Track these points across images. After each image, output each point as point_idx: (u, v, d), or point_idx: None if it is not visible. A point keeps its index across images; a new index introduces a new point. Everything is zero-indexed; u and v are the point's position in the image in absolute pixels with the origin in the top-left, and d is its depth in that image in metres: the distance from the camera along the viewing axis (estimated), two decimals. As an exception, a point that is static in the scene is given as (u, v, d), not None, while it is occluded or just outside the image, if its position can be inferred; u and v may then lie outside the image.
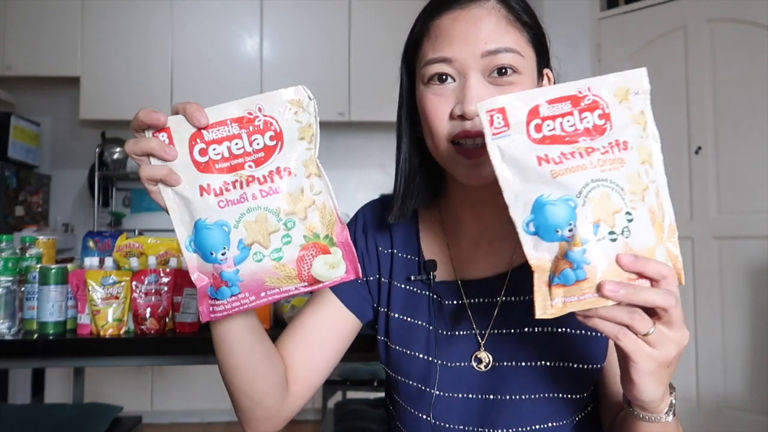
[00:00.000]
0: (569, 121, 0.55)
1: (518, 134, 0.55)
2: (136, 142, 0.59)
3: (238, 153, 0.59)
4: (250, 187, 0.58)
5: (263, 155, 0.59)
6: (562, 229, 0.53)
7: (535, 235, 0.54)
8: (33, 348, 1.21)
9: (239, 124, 0.58)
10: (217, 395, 3.16)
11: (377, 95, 3.44)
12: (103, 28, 3.38)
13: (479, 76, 0.68)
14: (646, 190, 0.55)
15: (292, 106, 0.59)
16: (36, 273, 1.26)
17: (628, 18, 3.05)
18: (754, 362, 2.61)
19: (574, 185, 0.54)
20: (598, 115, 0.55)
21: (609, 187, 0.54)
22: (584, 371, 0.72)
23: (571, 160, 0.54)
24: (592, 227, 0.53)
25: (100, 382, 3.05)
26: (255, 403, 0.72)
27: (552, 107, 0.55)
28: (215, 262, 0.59)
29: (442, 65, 0.69)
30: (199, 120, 0.57)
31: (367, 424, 1.58)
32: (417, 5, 0.78)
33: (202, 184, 0.59)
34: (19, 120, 3.26)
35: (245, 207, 0.58)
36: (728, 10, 2.73)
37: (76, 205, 3.65)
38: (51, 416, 1.55)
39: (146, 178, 0.59)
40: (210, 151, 0.59)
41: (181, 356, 1.30)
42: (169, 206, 0.60)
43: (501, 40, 0.67)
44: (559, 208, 0.54)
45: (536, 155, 0.55)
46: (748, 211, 2.65)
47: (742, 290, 2.65)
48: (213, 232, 0.58)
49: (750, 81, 2.65)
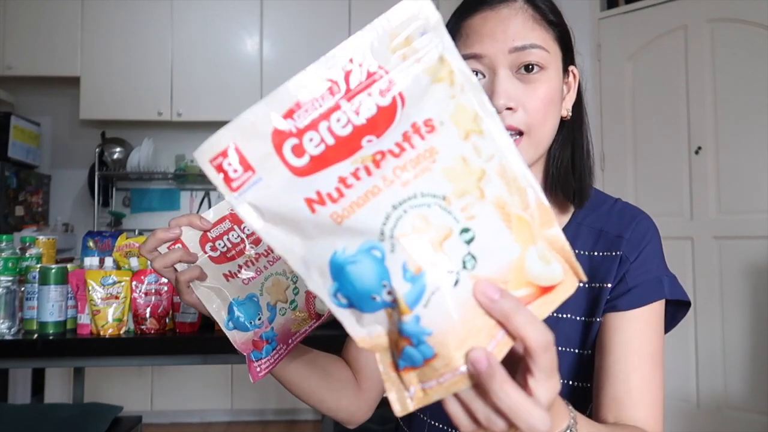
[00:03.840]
0: (339, 118, 0.37)
1: (271, 174, 0.36)
2: (164, 258, 0.68)
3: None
4: (259, 261, 0.70)
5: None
6: (379, 294, 0.36)
7: (351, 308, 0.38)
8: (33, 348, 1.21)
9: (230, 220, 0.70)
10: (217, 395, 3.16)
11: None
12: (103, 28, 3.38)
13: (507, 71, 0.70)
14: (484, 176, 0.38)
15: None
16: (36, 273, 1.26)
17: (628, 18, 3.05)
18: (754, 362, 2.61)
19: (370, 226, 0.36)
20: (379, 91, 0.37)
21: (421, 205, 0.36)
22: (585, 357, 0.73)
23: (355, 186, 0.36)
24: (416, 279, 0.35)
25: (100, 382, 3.05)
26: (334, 411, 0.82)
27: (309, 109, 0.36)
28: (256, 328, 0.69)
29: (472, 62, 0.71)
30: (202, 225, 0.68)
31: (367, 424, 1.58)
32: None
33: (224, 272, 0.69)
34: (19, 120, 3.26)
35: (263, 277, 0.70)
36: (728, 10, 2.73)
37: (76, 205, 3.65)
38: (51, 416, 1.54)
39: (185, 281, 0.68)
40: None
41: (181, 356, 1.30)
42: (204, 299, 0.69)
43: (528, 37, 0.69)
44: (362, 265, 0.36)
45: (304, 197, 0.36)
46: (748, 211, 2.65)
47: (742, 290, 2.65)
48: (247, 306, 0.70)
49: (750, 81, 2.65)
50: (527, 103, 0.69)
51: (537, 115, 0.69)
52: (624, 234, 0.74)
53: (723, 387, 2.68)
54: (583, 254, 0.76)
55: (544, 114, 0.70)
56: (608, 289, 0.73)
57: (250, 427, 3.16)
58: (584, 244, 0.76)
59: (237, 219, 0.69)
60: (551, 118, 0.72)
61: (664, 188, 2.83)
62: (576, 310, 0.74)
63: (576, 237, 0.77)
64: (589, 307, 0.74)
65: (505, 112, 0.69)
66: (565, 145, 0.77)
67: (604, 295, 0.73)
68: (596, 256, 0.75)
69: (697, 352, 2.75)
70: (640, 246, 0.74)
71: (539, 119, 0.70)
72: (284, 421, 3.21)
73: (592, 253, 0.76)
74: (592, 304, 0.73)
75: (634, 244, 0.74)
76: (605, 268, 0.74)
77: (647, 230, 0.75)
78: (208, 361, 1.30)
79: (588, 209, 0.78)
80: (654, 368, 0.70)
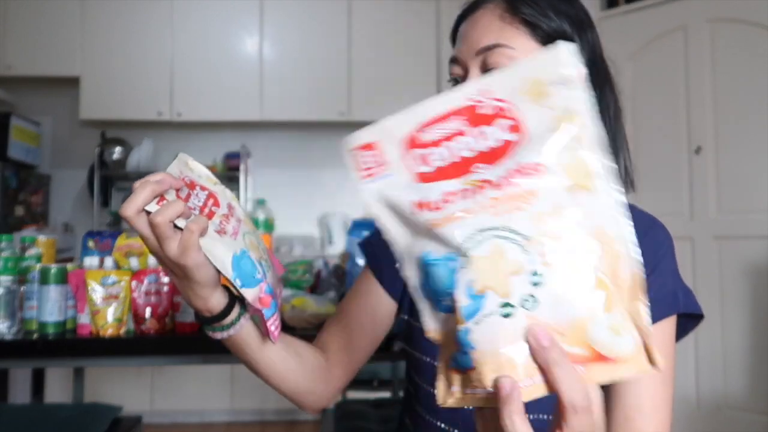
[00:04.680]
0: (460, 144, 0.41)
1: (398, 172, 0.43)
2: (168, 209, 0.57)
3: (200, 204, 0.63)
4: (230, 222, 0.63)
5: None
6: (443, 299, 0.41)
7: (429, 301, 0.43)
8: (33, 348, 1.21)
9: (186, 186, 0.61)
10: (217, 395, 3.16)
11: (378, 95, 3.44)
12: (103, 28, 3.38)
13: (478, 72, 0.71)
14: None
15: None
16: (36, 273, 1.26)
17: (628, 18, 3.05)
18: (754, 362, 2.61)
19: (455, 239, 0.40)
20: (508, 126, 0.41)
21: (504, 237, 0.39)
22: None
23: (454, 202, 0.41)
24: (476, 298, 0.39)
25: (100, 382, 3.05)
26: (303, 395, 0.78)
27: (434, 130, 0.42)
28: (260, 282, 0.62)
29: (454, 66, 0.73)
30: (172, 181, 0.59)
31: (367, 424, 1.58)
32: (416, 5, 0.80)
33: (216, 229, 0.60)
34: (19, 120, 3.25)
35: (241, 234, 0.64)
36: (728, 10, 2.73)
37: (76, 205, 3.65)
38: (51, 416, 1.54)
39: (200, 228, 0.58)
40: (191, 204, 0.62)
41: (181, 356, 1.30)
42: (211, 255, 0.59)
43: (491, 38, 0.69)
44: (440, 270, 0.41)
45: (415, 200, 0.42)
46: (748, 211, 2.65)
47: (742, 290, 2.65)
48: (245, 260, 0.61)
49: (750, 81, 2.65)
50: None
51: None
52: (641, 243, 0.74)
53: (723, 387, 2.68)
54: None
55: None
56: None
57: (249, 427, 3.16)
58: None
59: (192, 185, 0.60)
60: None
61: (664, 188, 2.83)
62: None
63: None
64: None
65: None
66: None
67: None
68: None
69: (697, 352, 2.75)
70: (656, 258, 0.73)
71: None
72: (284, 421, 3.21)
73: None
74: None
75: (651, 255, 0.72)
76: None
77: (664, 240, 0.75)
78: (208, 361, 1.30)
79: None
80: (665, 386, 0.70)
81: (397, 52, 3.48)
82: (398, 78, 3.47)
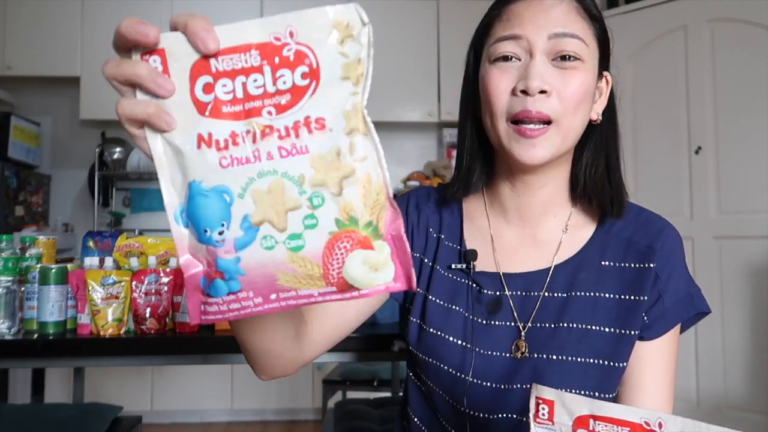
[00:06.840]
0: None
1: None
2: (118, 64, 0.42)
3: (255, 93, 0.42)
4: (266, 141, 0.42)
5: (289, 98, 0.42)
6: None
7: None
8: (33, 348, 1.21)
9: (261, 53, 0.42)
10: (217, 395, 3.16)
11: (377, 94, 3.43)
12: (103, 28, 3.38)
13: (544, 57, 0.70)
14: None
15: (337, 31, 0.41)
16: (36, 273, 1.26)
17: (628, 18, 3.05)
18: (754, 362, 2.61)
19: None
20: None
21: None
22: (611, 368, 0.73)
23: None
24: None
25: (100, 382, 3.05)
26: (273, 357, 0.70)
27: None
28: (209, 244, 0.42)
29: (511, 42, 0.71)
30: (206, 43, 0.41)
31: (367, 424, 1.58)
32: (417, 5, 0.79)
33: (201, 133, 0.42)
34: (19, 120, 3.26)
35: (256, 169, 0.42)
36: (728, 10, 2.73)
37: (76, 205, 3.65)
38: (51, 416, 1.54)
39: (127, 117, 0.42)
40: (218, 88, 0.42)
41: (181, 356, 1.30)
42: (157, 159, 0.43)
43: (569, 27, 0.70)
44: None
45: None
46: (748, 211, 2.65)
47: (742, 290, 2.65)
48: (209, 201, 0.42)
49: (750, 81, 2.65)
50: (562, 89, 0.69)
51: (569, 104, 0.69)
52: (654, 245, 0.75)
53: (723, 387, 2.68)
54: (614, 266, 0.75)
55: (577, 104, 0.70)
56: (644, 303, 0.73)
57: (250, 427, 3.16)
58: (614, 255, 0.76)
59: (269, 54, 0.42)
60: (582, 112, 0.71)
61: (664, 188, 2.83)
62: (605, 322, 0.73)
63: (605, 247, 0.77)
64: (620, 320, 0.73)
65: (538, 95, 0.68)
66: (599, 151, 0.77)
67: (641, 309, 0.73)
68: (627, 269, 0.75)
69: (697, 352, 2.75)
70: (671, 261, 0.74)
71: (571, 108, 0.69)
72: (284, 421, 3.21)
73: (623, 265, 0.75)
74: (624, 317, 0.73)
75: (665, 258, 0.74)
76: (638, 282, 0.74)
77: (675, 242, 0.76)
78: (208, 361, 1.30)
79: None
80: (666, 371, 0.74)
81: (398, 51, 3.48)
82: (398, 78, 3.47)
